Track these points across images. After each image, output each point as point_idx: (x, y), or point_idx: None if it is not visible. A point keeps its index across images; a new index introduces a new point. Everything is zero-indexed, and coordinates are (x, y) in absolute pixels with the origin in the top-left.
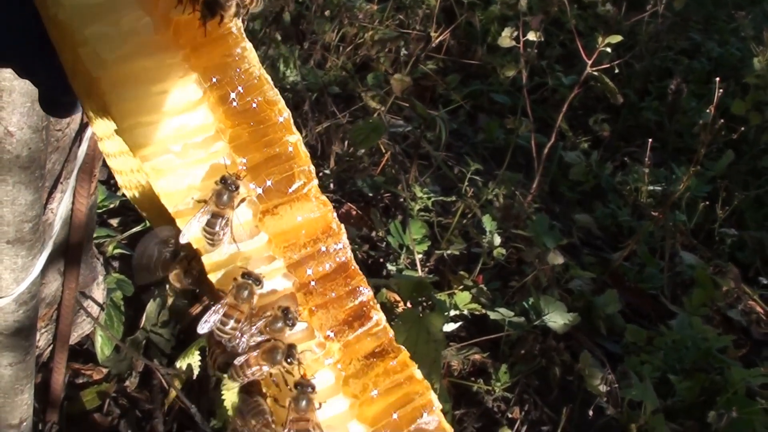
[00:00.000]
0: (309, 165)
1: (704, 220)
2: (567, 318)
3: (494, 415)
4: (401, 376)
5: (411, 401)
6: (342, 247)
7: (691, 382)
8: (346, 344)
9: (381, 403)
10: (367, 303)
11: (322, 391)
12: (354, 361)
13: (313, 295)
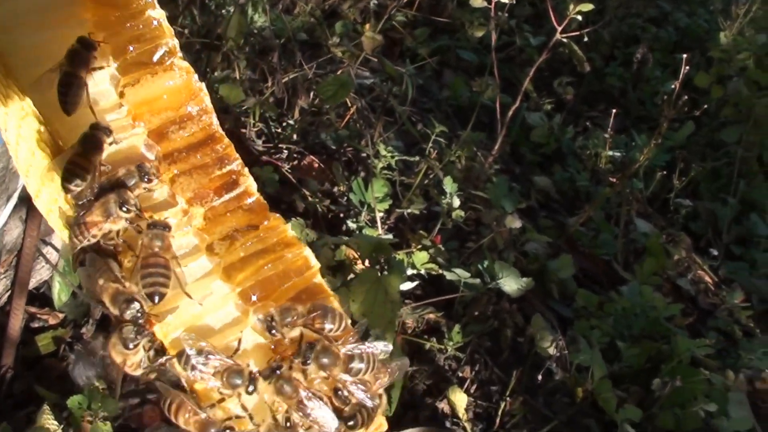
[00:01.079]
0: (173, 39)
1: (660, 189)
2: (521, 283)
3: (445, 374)
4: (272, 238)
5: (283, 261)
6: (205, 109)
7: (638, 349)
8: (212, 210)
9: (249, 265)
10: (237, 172)
11: (185, 254)
12: (221, 226)
13: (176, 163)
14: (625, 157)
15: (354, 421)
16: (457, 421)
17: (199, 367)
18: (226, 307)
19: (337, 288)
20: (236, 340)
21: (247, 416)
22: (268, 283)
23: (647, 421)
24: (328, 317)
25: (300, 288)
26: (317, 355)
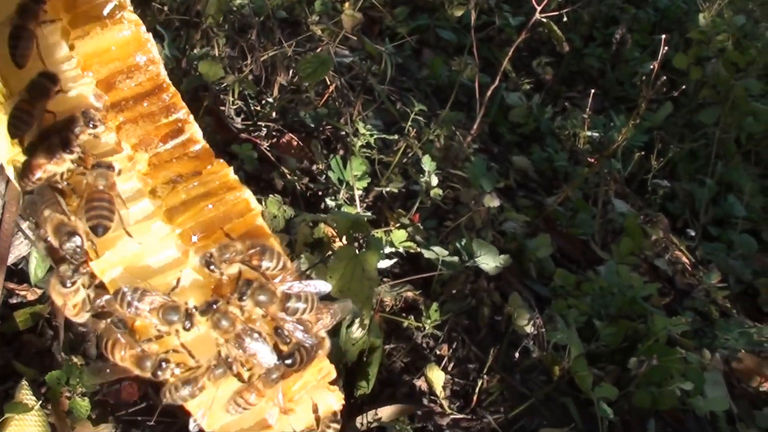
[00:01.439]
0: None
1: (638, 169)
2: (499, 260)
3: (423, 351)
4: (214, 181)
5: (224, 203)
6: (152, 59)
7: (615, 328)
8: (157, 156)
9: (190, 208)
10: (183, 120)
11: (128, 197)
12: (165, 172)
13: (123, 111)
14: (603, 137)
15: (292, 360)
16: (434, 399)
17: (135, 303)
18: (166, 249)
19: (314, 265)
20: (175, 280)
21: (186, 352)
22: (209, 224)
23: (623, 399)
24: (266, 255)
25: (240, 230)
26: (254, 291)
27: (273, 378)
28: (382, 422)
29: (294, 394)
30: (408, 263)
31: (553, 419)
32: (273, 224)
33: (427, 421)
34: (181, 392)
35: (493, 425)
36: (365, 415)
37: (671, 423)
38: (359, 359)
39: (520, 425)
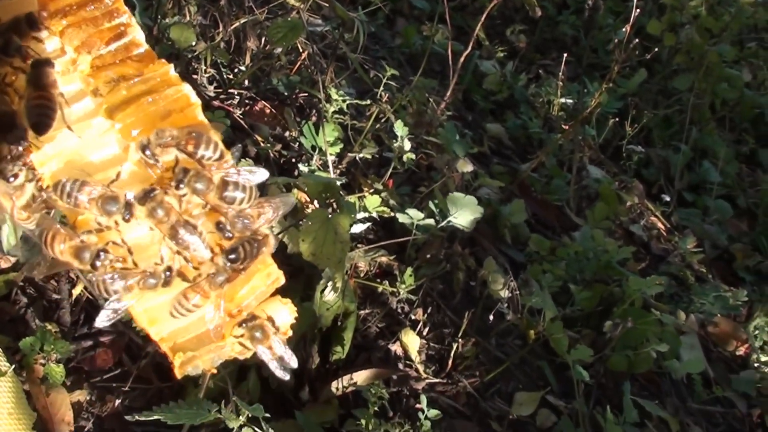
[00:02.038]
0: None
1: (613, 136)
2: (476, 211)
3: (398, 316)
4: (155, 78)
5: (163, 98)
6: None
7: (590, 292)
8: (100, 58)
9: (131, 104)
10: (125, 24)
11: (70, 97)
12: (107, 72)
13: (67, 16)
14: (577, 104)
15: (236, 255)
16: (409, 363)
17: (74, 194)
18: (107, 145)
19: (287, 228)
20: (116, 174)
21: (126, 248)
22: (149, 118)
23: (599, 363)
24: (203, 142)
25: (180, 124)
26: (190, 179)
27: (218, 280)
28: (357, 386)
29: (242, 299)
30: (382, 229)
31: (528, 383)
32: None
33: (403, 386)
34: (114, 285)
35: (468, 389)
36: (340, 379)
37: (647, 386)
38: (334, 324)
39: (496, 389)
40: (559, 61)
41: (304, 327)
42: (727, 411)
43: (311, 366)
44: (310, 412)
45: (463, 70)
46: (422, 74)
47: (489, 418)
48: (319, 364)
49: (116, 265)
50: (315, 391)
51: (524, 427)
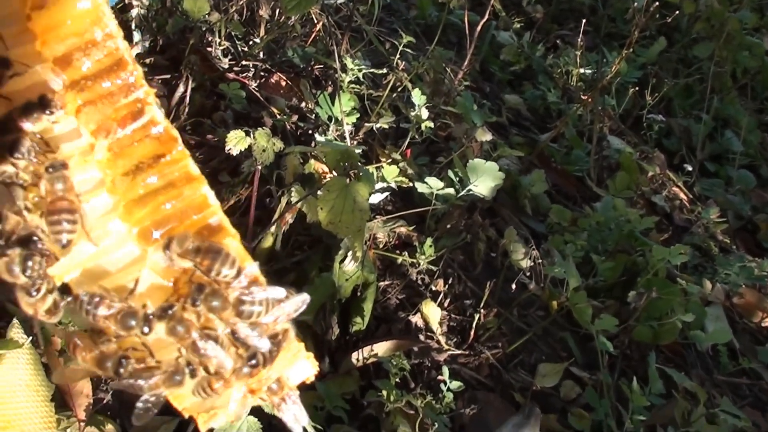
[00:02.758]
0: None
1: (633, 106)
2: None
3: (418, 288)
4: (174, 173)
5: (182, 197)
6: (110, 34)
7: (613, 262)
8: (117, 142)
9: (149, 202)
10: (143, 100)
11: (86, 190)
12: (124, 160)
13: (82, 92)
14: (596, 74)
15: (255, 361)
16: (431, 335)
17: (92, 310)
18: (124, 247)
19: (305, 197)
20: (133, 281)
21: (147, 352)
22: (167, 221)
23: (623, 333)
24: (219, 260)
25: (198, 226)
26: (206, 297)
27: (243, 372)
28: (378, 358)
29: (265, 377)
30: (401, 201)
31: (551, 354)
32: (262, 157)
33: (424, 357)
34: (140, 385)
35: (491, 360)
36: (361, 351)
37: (672, 358)
38: (353, 295)
39: (519, 360)
40: (577, 31)
41: (323, 297)
42: (753, 383)
43: (331, 337)
44: (331, 383)
45: (479, 41)
46: (439, 46)
47: (512, 389)
48: (339, 336)
49: (139, 366)
50: (335, 363)
51: (548, 398)
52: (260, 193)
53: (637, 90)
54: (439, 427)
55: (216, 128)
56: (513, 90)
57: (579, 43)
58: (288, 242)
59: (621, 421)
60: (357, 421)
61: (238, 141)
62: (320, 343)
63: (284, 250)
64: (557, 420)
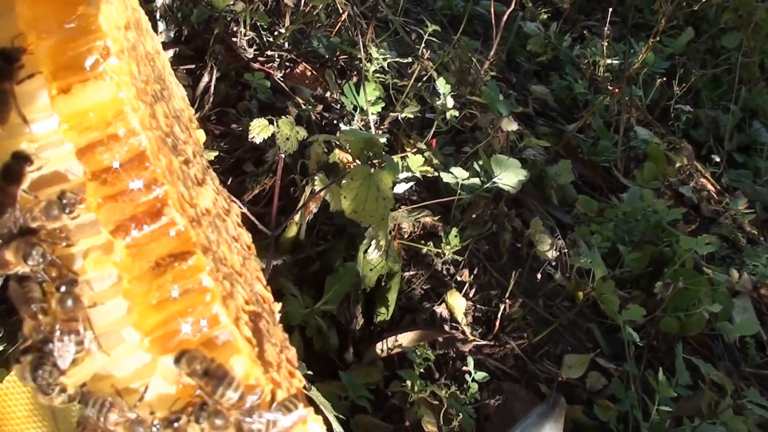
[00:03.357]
0: (107, 40)
1: (660, 96)
2: (520, 174)
3: (443, 278)
4: (189, 282)
5: (195, 311)
6: (134, 130)
7: (639, 253)
8: (134, 242)
9: (162, 311)
10: (162, 199)
11: (102, 291)
12: (141, 262)
13: (104, 185)
14: (623, 64)
15: None
16: (456, 325)
17: (101, 419)
18: (136, 353)
19: (328, 185)
20: (143, 386)
21: None
22: (179, 332)
23: (650, 324)
24: (223, 384)
25: (210, 337)
26: (209, 415)
27: None
28: (403, 348)
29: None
30: (426, 191)
31: (577, 345)
32: (286, 146)
33: (449, 348)
34: None
35: (516, 351)
36: (385, 341)
37: (699, 350)
38: (378, 285)
39: (544, 351)
40: (604, 22)
41: (347, 287)
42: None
43: (355, 327)
44: (355, 373)
45: (506, 31)
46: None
47: (537, 380)
48: (364, 326)
49: None
50: (359, 353)
51: (573, 389)
52: (284, 183)
53: (664, 81)
54: (463, 418)
55: (241, 118)
56: (540, 81)
57: (606, 32)
58: (312, 232)
59: (647, 413)
60: (381, 412)
61: (262, 129)
62: (344, 333)
63: (308, 240)
64: (583, 411)
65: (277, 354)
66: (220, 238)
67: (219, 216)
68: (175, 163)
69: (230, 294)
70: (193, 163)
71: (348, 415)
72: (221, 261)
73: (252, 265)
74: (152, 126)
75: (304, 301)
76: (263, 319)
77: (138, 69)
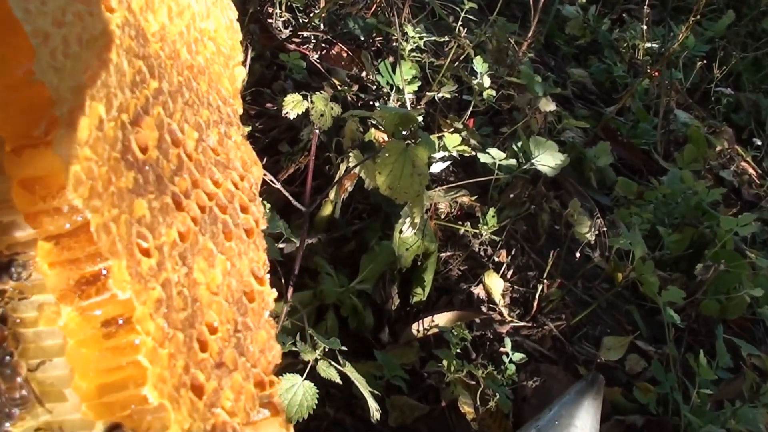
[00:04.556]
0: (55, 110)
1: (701, 80)
2: (558, 158)
3: (480, 259)
4: (124, 359)
5: (126, 388)
6: (75, 208)
7: (679, 235)
8: (79, 309)
9: (96, 381)
10: (107, 272)
11: (51, 346)
12: (84, 328)
13: (53, 250)
14: (663, 48)
15: None
16: (493, 307)
17: None
18: (75, 413)
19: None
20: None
21: None
22: (114, 404)
23: (690, 307)
24: None
25: (140, 411)
26: None
27: None
28: (439, 328)
29: None
30: (463, 171)
31: (616, 327)
32: (320, 122)
33: (486, 329)
34: None
35: (554, 332)
36: (421, 321)
37: (740, 334)
38: (414, 265)
39: (583, 332)
40: (643, 5)
41: (383, 266)
42: None
43: (391, 307)
44: (391, 353)
45: (544, 14)
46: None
47: (576, 362)
48: (400, 306)
49: None
50: (395, 333)
51: (612, 372)
52: (319, 161)
53: (704, 64)
54: (500, 399)
55: (276, 98)
56: (578, 64)
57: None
58: (348, 210)
59: (687, 395)
60: (417, 392)
61: (296, 105)
62: (380, 313)
63: (344, 219)
64: (622, 394)
65: (243, 377)
66: (197, 257)
67: (212, 214)
68: (142, 206)
69: (184, 342)
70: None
71: (383, 394)
72: (185, 291)
73: (249, 256)
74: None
75: (339, 280)
76: (233, 339)
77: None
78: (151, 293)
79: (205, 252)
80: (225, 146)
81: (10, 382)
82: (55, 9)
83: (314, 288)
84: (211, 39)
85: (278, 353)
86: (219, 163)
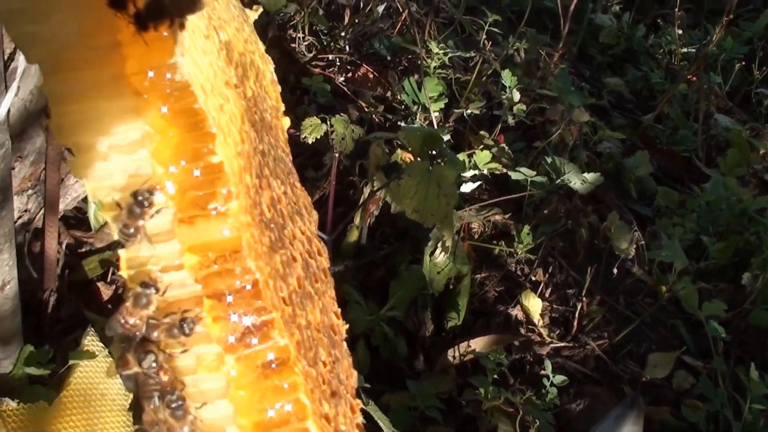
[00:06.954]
0: (230, 186)
1: (740, 82)
2: (584, 178)
3: (517, 278)
4: (286, 398)
5: (287, 423)
6: (248, 269)
7: (724, 243)
8: (242, 357)
9: (255, 418)
10: (270, 322)
11: (211, 390)
12: (247, 374)
13: (218, 306)
14: (700, 52)
15: None
16: (532, 328)
17: None
18: None
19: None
20: None
21: None
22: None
23: (739, 318)
24: None
25: None
26: None
27: None
28: (476, 354)
29: None
30: (495, 189)
31: (662, 343)
32: (341, 146)
33: (526, 352)
34: None
35: (597, 352)
36: (457, 347)
37: None
38: (447, 289)
39: (627, 350)
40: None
41: (413, 292)
42: None
43: (425, 333)
44: (426, 382)
45: (576, 23)
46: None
47: (621, 381)
48: (434, 332)
49: None
50: (430, 361)
51: (659, 390)
52: (343, 186)
53: (743, 65)
54: (541, 424)
55: (299, 123)
56: (614, 73)
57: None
58: (375, 236)
59: (739, 412)
60: (456, 421)
61: (314, 129)
62: (413, 340)
63: (371, 244)
64: (670, 412)
65: (345, 402)
66: (305, 301)
67: (305, 261)
68: (277, 261)
69: (315, 377)
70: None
71: (419, 426)
72: (307, 332)
73: (329, 294)
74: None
75: (368, 308)
76: (334, 371)
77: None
78: (294, 337)
79: (308, 296)
80: (296, 194)
81: (181, 420)
82: None
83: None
84: (267, 93)
85: (355, 379)
86: (297, 212)
